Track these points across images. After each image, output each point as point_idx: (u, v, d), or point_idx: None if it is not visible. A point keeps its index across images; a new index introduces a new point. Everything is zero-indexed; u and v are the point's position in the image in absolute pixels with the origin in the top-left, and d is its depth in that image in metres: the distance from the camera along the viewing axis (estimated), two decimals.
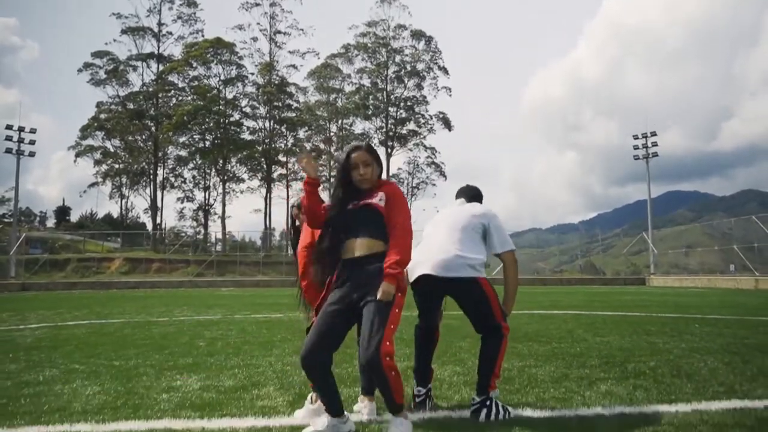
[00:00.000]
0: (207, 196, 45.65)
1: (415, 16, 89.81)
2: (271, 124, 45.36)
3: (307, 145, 43.51)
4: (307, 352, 2.53)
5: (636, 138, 35.59)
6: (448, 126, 46.88)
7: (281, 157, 44.82)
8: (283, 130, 45.56)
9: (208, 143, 44.17)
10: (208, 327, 7.82)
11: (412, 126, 46.87)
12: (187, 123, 41.84)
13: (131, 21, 43.87)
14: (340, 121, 47.93)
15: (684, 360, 4.58)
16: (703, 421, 2.79)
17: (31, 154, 34.30)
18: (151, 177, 44.81)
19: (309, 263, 3.08)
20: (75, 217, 59.82)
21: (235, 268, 35.40)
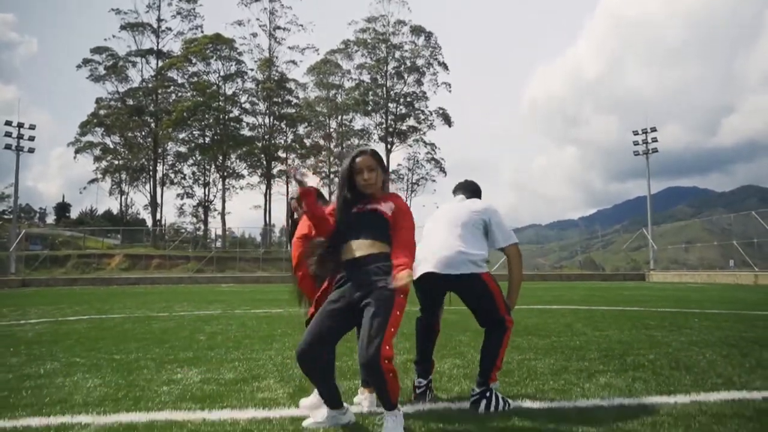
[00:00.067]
0: (207, 193, 45.79)
1: (414, 12, 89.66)
2: (271, 120, 45.36)
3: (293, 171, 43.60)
4: (301, 351, 2.54)
5: (636, 134, 35.69)
6: (448, 122, 46.89)
7: (281, 153, 44.83)
8: (283, 126, 45.59)
9: (207, 139, 44.19)
10: (208, 322, 7.83)
11: (411, 122, 46.92)
12: (187, 119, 41.84)
13: (130, 17, 43.93)
14: (340, 117, 47.93)
15: (683, 353, 4.60)
16: (702, 411, 2.81)
17: (31, 150, 34.41)
18: (150, 173, 44.84)
19: (303, 254, 3.08)
20: (75, 214, 60.04)
21: (234, 265, 35.40)
